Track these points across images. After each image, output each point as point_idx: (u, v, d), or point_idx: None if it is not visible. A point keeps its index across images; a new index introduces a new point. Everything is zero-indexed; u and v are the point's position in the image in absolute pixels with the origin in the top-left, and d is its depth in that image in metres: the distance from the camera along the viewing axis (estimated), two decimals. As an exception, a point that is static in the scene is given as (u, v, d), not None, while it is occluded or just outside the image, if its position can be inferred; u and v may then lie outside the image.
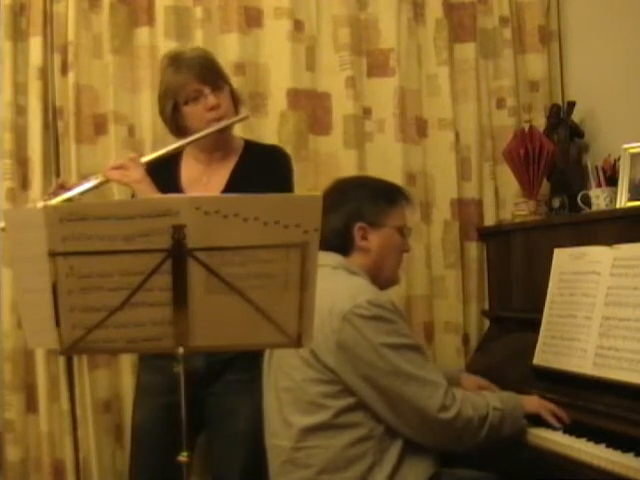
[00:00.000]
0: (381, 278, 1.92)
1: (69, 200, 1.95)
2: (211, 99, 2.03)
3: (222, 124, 2.05)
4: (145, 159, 2.04)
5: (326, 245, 1.88)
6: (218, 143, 2.10)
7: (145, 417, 2.09)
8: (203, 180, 2.11)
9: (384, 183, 2.03)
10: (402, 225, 1.96)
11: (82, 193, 2.00)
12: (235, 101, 2.14)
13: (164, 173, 2.06)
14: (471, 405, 1.74)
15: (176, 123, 2.08)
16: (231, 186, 2.06)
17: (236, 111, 2.13)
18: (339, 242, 1.89)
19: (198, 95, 2.04)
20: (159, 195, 2.02)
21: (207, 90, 2.04)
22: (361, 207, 1.90)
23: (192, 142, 2.06)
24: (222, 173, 2.10)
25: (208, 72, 2.06)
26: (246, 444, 2.03)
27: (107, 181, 2.03)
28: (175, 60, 2.07)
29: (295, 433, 1.78)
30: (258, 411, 1.95)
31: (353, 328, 1.72)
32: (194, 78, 2.03)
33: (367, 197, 1.91)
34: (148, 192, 1.97)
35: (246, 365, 1.99)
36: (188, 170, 2.14)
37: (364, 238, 1.89)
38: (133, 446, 2.16)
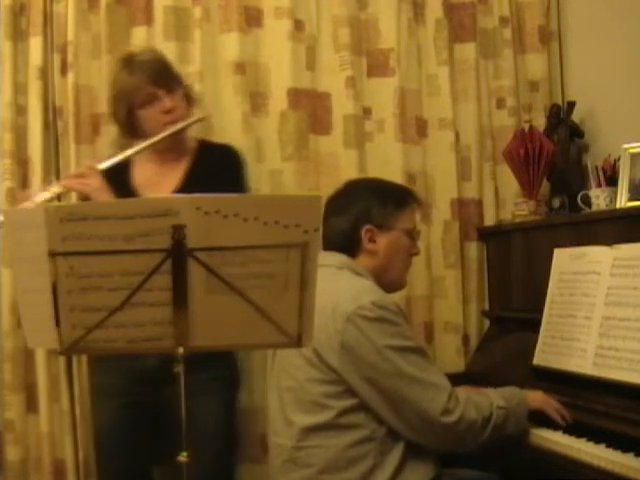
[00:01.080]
0: (387, 281, 1.91)
1: None
2: (167, 102, 2.04)
3: (179, 126, 2.06)
4: (103, 166, 2.03)
5: (333, 246, 1.89)
6: (172, 144, 2.10)
7: (104, 420, 2.09)
8: (155, 180, 2.10)
9: (394, 185, 2.04)
10: (411, 228, 1.96)
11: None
12: (189, 103, 2.14)
13: (116, 174, 2.04)
14: (474, 407, 1.73)
15: (131, 126, 2.07)
16: (185, 187, 2.05)
17: (190, 112, 2.13)
18: (346, 244, 1.89)
19: (153, 98, 2.04)
20: (160, 195, 2.02)
21: (162, 93, 2.04)
22: (369, 209, 1.90)
23: (149, 147, 2.05)
24: (176, 173, 2.10)
25: (162, 75, 2.06)
26: (214, 444, 2.03)
27: (66, 190, 2.03)
28: (128, 63, 2.07)
29: (296, 432, 1.78)
30: (225, 409, 1.94)
31: (357, 329, 1.71)
32: (148, 81, 2.03)
33: (376, 199, 1.91)
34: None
35: (207, 364, 1.98)
36: (141, 171, 2.13)
37: (371, 240, 1.89)
38: (97, 451, 2.15)
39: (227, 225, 1.26)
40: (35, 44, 2.38)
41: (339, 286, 1.79)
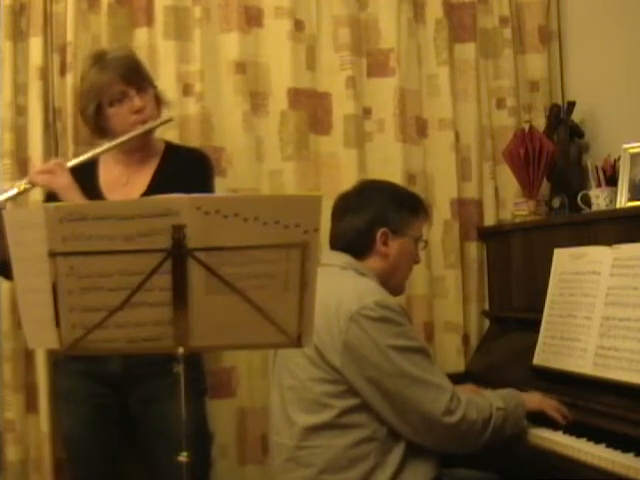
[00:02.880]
0: (391, 285, 1.92)
1: None
2: (137, 101, 2.02)
3: (147, 127, 2.04)
4: (71, 163, 2.02)
5: (344, 244, 1.90)
6: (141, 145, 2.08)
7: (74, 424, 2.06)
8: (122, 181, 2.08)
9: (409, 192, 2.07)
10: (419, 236, 1.99)
11: (8, 199, 1.98)
12: (158, 104, 2.12)
13: (82, 175, 2.02)
14: (475, 408, 1.74)
15: (98, 124, 2.05)
16: (153, 189, 2.02)
17: (159, 113, 2.11)
18: (358, 243, 1.90)
19: (123, 96, 2.02)
20: (160, 195, 2.01)
21: (132, 92, 2.02)
22: (387, 213, 1.91)
23: (118, 145, 2.03)
24: (143, 175, 2.08)
25: (133, 73, 2.04)
26: (187, 447, 1.99)
27: (33, 186, 2.01)
28: (100, 59, 2.04)
29: (298, 432, 1.79)
30: (192, 412, 1.91)
31: (360, 329, 1.72)
32: (119, 79, 2.01)
33: (393, 204, 1.93)
34: (74, 199, 1.94)
35: (169, 369, 1.96)
36: (107, 171, 2.11)
37: (384, 243, 1.90)
38: (70, 456, 2.13)
39: (227, 225, 1.26)
40: (35, 44, 2.38)
41: (343, 286, 1.80)
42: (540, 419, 1.87)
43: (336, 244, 1.94)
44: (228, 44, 2.52)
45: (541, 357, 2.13)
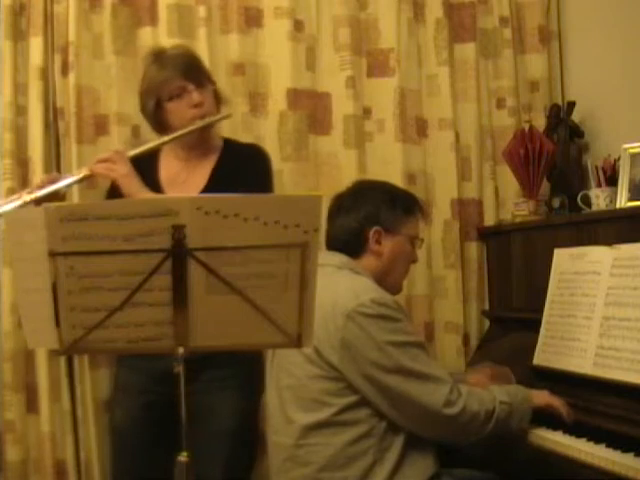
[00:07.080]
0: (387, 284, 1.92)
1: (55, 193, 1.95)
2: (195, 96, 2.04)
3: (206, 121, 2.06)
4: (131, 153, 2.04)
5: (339, 244, 1.92)
6: (200, 141, 2.10)
7: (124, 417, 2.09)
8: (181, 177, 2.10)
9: (403, 192, 2.07)
10: (415, 235, 1.99)
11: (68, 186, 2.02)
12: (217, 101, 2.15)
13: (143, 169, 2.04)
14: (477, 400, 1.75)
15: (158, 120, 2.08)
16: (212, 185, 2.05)
17: (218, 110, 2.14)
18: (352, 242, 1.91)
19: (182, 92, 2.04)
20: (159, 195, 2.02)
21: (191, 87, 2.04)
22: (379, 212, 1.92)
23: (177, 138, 2.05)
24: (202, 171, 2.10)
25: (192, 69, 2.07)
26: (228, 442, 2.01)
27: (92, 175, 2.03)
28: (160, 57, 2.07)
29: (296, 430, 1.79)
30: (240, 407, 1.92)
31: (357, 326, 1.73)
32: (179, 74, 2.03)
33: (386, 203, 1.94)
34: (134, 187, 1.97)
35: (223, 363, 1.97)
36: (167, 167, 2.14)
37: (378, 242, 1.91)
38: (114, 447, 2.16)
39: (227, 225, 1.26)
40: (35, 44, 2.38)
41: (339, 284, 1.80)
42: (541, 418, 1.87)
43: (332, 244, 1.95)
44: (228, 45, 2.52)
45: (541, 357, 2.13)
